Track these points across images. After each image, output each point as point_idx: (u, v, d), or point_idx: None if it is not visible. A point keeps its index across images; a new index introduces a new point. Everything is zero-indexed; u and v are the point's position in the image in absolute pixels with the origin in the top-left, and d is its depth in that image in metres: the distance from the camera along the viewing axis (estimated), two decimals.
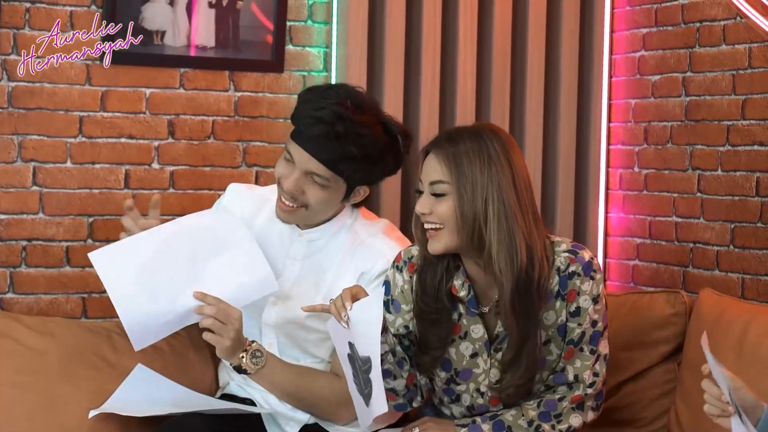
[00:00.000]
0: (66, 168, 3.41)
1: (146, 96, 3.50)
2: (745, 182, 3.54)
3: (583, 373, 2.82)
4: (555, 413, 2.82)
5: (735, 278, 3.57)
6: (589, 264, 2.81)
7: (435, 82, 3.77)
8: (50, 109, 3.38)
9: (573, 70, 3.98)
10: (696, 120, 3.72)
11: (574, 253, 2.81)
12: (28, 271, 3.38)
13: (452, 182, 2.75)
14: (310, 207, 2.98)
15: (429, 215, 2.77)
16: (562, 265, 2.80)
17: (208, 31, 3.54)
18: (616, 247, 4.02)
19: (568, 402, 2.82)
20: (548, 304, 2.80)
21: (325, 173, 2.93)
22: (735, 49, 3.58)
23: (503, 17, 3.87)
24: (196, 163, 3.55)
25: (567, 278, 2.80)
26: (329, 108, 2.90)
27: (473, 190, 2.73)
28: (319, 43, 3.72)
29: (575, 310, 2.80)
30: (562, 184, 3.97)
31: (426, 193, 2.79)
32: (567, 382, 2.83)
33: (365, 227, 3.09)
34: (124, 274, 2.87)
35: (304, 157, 2.92)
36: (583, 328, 2.81)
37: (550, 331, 2.82)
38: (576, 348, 2.82)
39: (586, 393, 2.82)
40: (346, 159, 2.91)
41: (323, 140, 2.89)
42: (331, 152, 2.90)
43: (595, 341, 2.83)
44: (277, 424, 3.04)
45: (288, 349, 3.08)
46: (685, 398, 3.19)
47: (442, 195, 2.76)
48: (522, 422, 2.81)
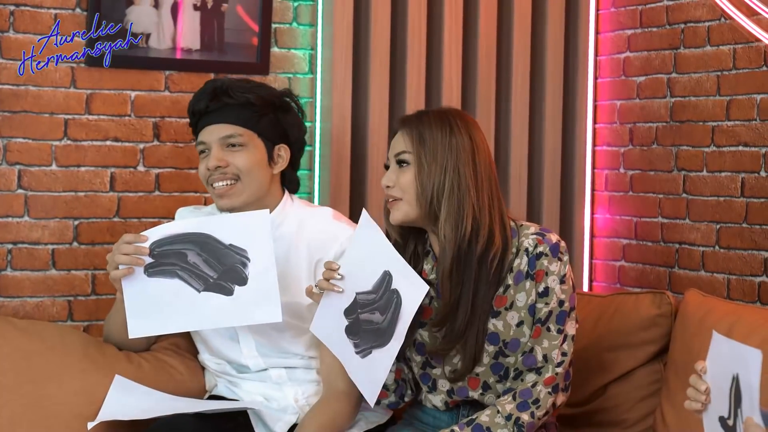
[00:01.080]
0: (51, 171, 3.40)
1: (131, 99, 3.49)
2: (731, 183, 3.55)
3: (552, 353, 2.86)
4: (531, 400, 2.84)
5: (721, 279, 3.57)
6: (557, 246, 2.88)
7: (420, 83, 3.77)
8: (35, 112, 3.38)
9: (558, 72, 3.99)
10: (681, 121, 3.72)
11: (542, 234, 2.89)
12: (13, 274, 3.37)
13: (414, 152, 2.87)
14: (242, 176, 3.03)
15: (393, 188, 2.88)
16: (530, 246, 2.87)
17: (193, 33, 3.54)
18: (602, 248, 4.03)
19: (542, 386, 2.86)
20: (519, 285, 2.86)
21: (234, 130, 3.03)
22: (720, 50, 3.59)
23: (488, 19, 3.87)
24: (182, 166, 3.55)
25: (535, 258, 2.87)
26: (206, 85, 3.08)
27: (434, 160, 2.85)
28: (305, 45, 3.72)
29: (543, 290, 2.87)
30: (548, 185, 3.98)
31: (392, 167, 2.91)
32: (536, 364, 2.86)
33: (311, 216, 3.12)
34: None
35: (210, 129, 3.03)
36: (551, 307, 2.87)
37: (522, 312, 2.87)
38: (543, 327, 2.87)
39: (557, 373, 2.86)
40: (244, 107, 3.03)
41: (216, 103, 3.02)
42: (228, 108, 3.02)
43: (562, 320, 2.88)
44: (264, 425, 3.05)
45: (267, 351, 3.09)
46: (671, 399, 3.20)
47: (406, 164, 2.88)
48: (499, 419, 2.83)
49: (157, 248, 2.88)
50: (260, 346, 3.09)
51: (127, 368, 3.14)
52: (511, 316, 2.87)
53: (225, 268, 2.89)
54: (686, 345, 3.20)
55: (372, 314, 2.79)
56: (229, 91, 3.03)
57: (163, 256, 2.88)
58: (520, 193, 3.92)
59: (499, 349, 2.87)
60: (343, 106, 3.68)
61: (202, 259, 2.89)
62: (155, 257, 2.88)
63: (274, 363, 3.10)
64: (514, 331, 2.87)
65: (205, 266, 2.89)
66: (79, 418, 3.01)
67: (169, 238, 2.89)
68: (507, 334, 2.87)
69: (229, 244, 2.89)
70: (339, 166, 3.67)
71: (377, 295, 2.78)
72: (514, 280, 2.87)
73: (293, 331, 3.06)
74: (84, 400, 3.05)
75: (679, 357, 3.21)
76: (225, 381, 3.17)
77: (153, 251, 2.88)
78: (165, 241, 2.88)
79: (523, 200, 3.93)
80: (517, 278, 2.87)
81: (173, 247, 2.88)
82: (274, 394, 3.10)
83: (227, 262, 2.89)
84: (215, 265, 2.89)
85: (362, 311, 2.80)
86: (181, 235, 2.89)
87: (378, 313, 2.78)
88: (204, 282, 2.89)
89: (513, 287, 2.87)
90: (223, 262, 2.89)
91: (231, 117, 3.03)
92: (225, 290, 2.90)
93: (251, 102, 3.04)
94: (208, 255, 2.89)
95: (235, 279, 2.89)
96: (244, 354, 3.10)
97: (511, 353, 2.88)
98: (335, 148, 3.67)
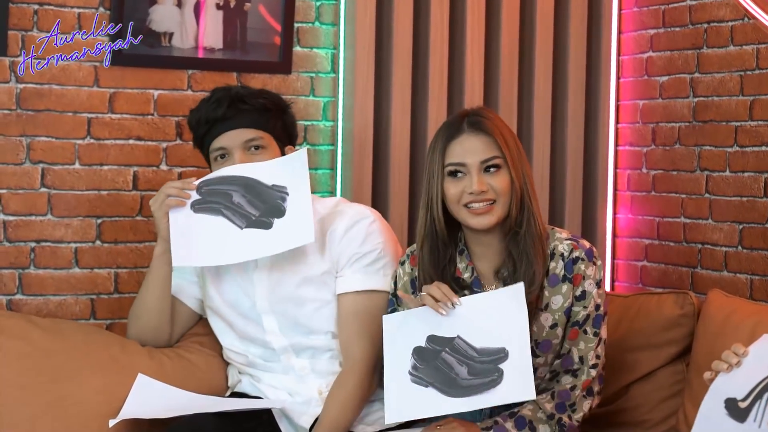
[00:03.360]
0: (74, 169, 3.42)
1: (154, 98, 3.50)
2: (754, 183, 3.54)
3: (587, 355, 2.90)
4: (569, 403, 2.89)
5: (743, 279, 3.56)
6: (591, 251, 2.93)
7: (442, 83, 3.77)
8: (58, 111, 3.39)
9: (581, 72, 3.98)
10: (704, 121, 3.71)
11: (576, 240, 2.93)
12: (36, 272, 3.38)
13: (504, 155, 2.86)
14: None
15: (486, 192, 2.85)
16: (566, 251, 2.90)
17: (216, 32, 3.55)
18: (625, 248, 4.02)
19: (579, 390, 2.90)
20: (555, 288, 2.89)
21: (255, 134, 3.10)
22: (743, 50, 3.58)
23: (510, 18, 3.87)
24: (204, 165, 3.53)
25: (572, 263, 2.89)
26: (217, 94, 3.14)
27: (519, 161, 2.88)
28: (327, 44, 3.72)
29: (581, 293, 2.90)
30: (571, 186, 3.97)
31: (477, 171, 2.85)
32: (573, 365, 2.89)
33: (322, 204, 3.19)
34: None
35: (231, 135, 3.09)
36: (588, 311, 2.90)
37: (556, 315, 2.90)
38: (580, 330, 2.90)
39: (591, 376, 2.90)
40: (260, 112, 3.11)
41: (233, 110, 3.08)
42: (245, 113, 3.09)
43: (598, 324, 2.92)
44: (289, 420, 3.07)
45: (289, 330, 3.12)
46: (693, 399, 3.18)
47: (497, 169, 2.86)
48: (541, 415, 2.87)
49: (204, 186, 3.04)
50: (281, 323, 3.11)
51: (149, 366, 3.15)
52: (545, 317, 2.89)
53: (267, 206, 3.01)
54: (709, 345, 3.18)
55: (460, 365, 2.75)
56: (244, 98, 3.10)
57: (210, 194, 3.03)
58: (543, 193, 3.91)
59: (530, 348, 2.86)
60: (365, 106, 3.68)
61: (246, 200, 3.02)
62: (202, 195, 3.04)
63: (297, 342, 3.11)
64: (547, 332, 2.89)
65: (248, 206, 3.02)
66: (100, 416, 3.01)
67: (216, 179, 3.04)
68: (540, 335, 2.89)
69: (272, 185, 3.02)
70: (361, 166, 3.67)
71: (479, 357, 2.75)
72: (549, 282, 2.88)
73: (312, 305, 3.10)
74: (105, 398, 3.06)
75: (702, 357, 3.20)
76: (248, 377, 3.18)
77: (200, 189, 3.04)
78: (212, 181, 3.04)
79: (546, 200, 3.92)
80: (552, 281, 2.89)
81: (220, 187, 3.03)
82: (297, 388, 3.12)
83: (269, 200, 3.02)
84: (258, 204, 3.02)
85: (451, 353, 2.77)
86: (227, 177, 3.03)
87: (466, 370, 2.75)
88: (246, 220, 3.02)
89: (548, 289, 2.88)
90: (265, 201, 3.02)
91: (250, 121, 3.09)
92: (265, 225, 3.02)
93: (266, 107, 3.12)
94: (252, 196, 3.01)
95: (274, 213, 3.01)
96: (268, 331, 3.12)
97: (542, 353, 2.90)
98: (357, 148, 3.67)
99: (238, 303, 3.15)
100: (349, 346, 3.05)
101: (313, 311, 3.11)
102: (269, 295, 3.10)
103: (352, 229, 3.09)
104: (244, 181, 3.02)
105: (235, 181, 3.02)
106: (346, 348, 3.06)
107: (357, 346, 3.03)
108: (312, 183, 3.60)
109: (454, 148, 2.87)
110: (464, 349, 2.75)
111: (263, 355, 3.16)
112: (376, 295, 3.07)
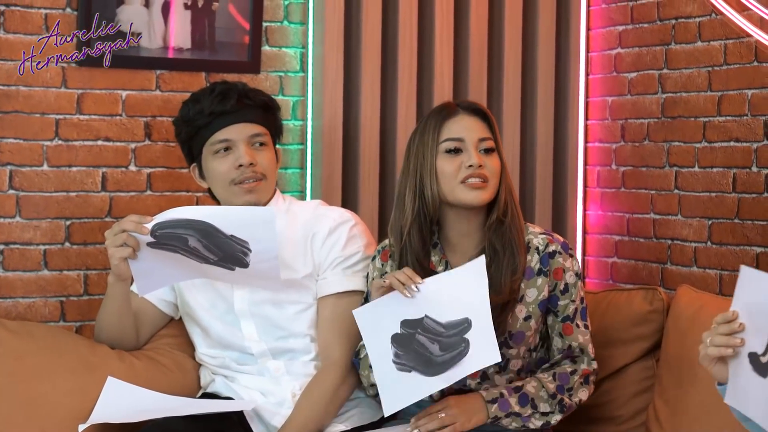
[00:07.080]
0: (43, 171, 3.40)
1: (123, 98, 3.49)
2: (722, 178, 3.55)
3: (588, 347, 2.99)
4: (567, 386, 2.95)
5: (713, 274, 3.58)
6: (566, 244, 3.00)
7: (412, 80, 3.77)
8: (26, 113, 3.37)
9: (550, 68, 3.99)
10: (672, 117, 3.73)
11: (550, 234, 2.99)
12: (5, 274, 3.37)
13: (496, 140, 2.97)
14: (267, 174, 3.12)
15: (483, 168, 2.91)
16: (541, 245, 2.96)
17: (184, 32, 3.54)
18: (595, 244, 4.03)
19: (578, 376, 2.96)
20: (530, 281, 2.94)
21: (260, 130, 3.11)
22: (710, 46, 3.59)
23: (479, 15, 3.87)
24: (173, 165, 3.55)
25: (548, 257, 2.95)
26: (218, 88, 3.12)
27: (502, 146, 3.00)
28: (296, 43, 3.72)
29: (564, 287, 2.96)
30: (541, 183, 3.98)
31: (474, 147, 2.92)
32: (573, 353, 2.98)
33: (301, 207, 3.20)
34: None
35: (237, 128, 3.08)
36: (576, 304, 2.97)
37: (530, 307, 2.94)
38: (573, 324, 2.97)
39: (593, 368, 2.99)
40: (263, 109, 3.14)
41: (239, 104, 3.08)
42: (250, 108, 3.10)
43: (585, 317, 3.01)
44: (261, 420, 3.07)
45: (268, 334, 3.12)
46: (664, 395, 3.20)
47: (491, 151, 2.94)
48: (543, 393, 2.92)
49: (159, 230, 2.89)
50: (260, 327, 3.11)
51: (120, 367, 3.14)
52: (519, 308, 2.93)
53: (225, 255, 2.90)
54: (679, 341, 3.20)
55: (431, 343, 2.80)
56: (248, 93, 3.12)
57: (164, 237, 2.89)
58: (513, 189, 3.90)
59: (504, 340, 2.91)
60: (334, 104, 3.68)
61: (203, 245, 2.89)
62: (157, 238, 2.89)
63: (275, 347, 3.11)
64: (521, 324, 2.93)
65: (205, 251, 2.90)
66: (71, 417, 3.01)
67: (171, 222, 2.88)
68: (514, 326, 2.93)
69: (230, 235, 2.89)
70: (331, 165, 3.67)
71: (446, 332, 2.79)
72: (525, 275, 2.93)
73: (293, 307, 3.10)
74: (77, 399, 3.06)
75: (672, 353, 3.21)
76: (222, 377, 3.17)
77: (155, 232, 2.88)
78: (167, 224, 2.88)
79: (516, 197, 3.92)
80: (528, 274, 2.94)
81: (175, 230, 2.89)
82: (271, 389, 3.12)
83: (227, 249, 2.89)
84: (215, 251, 2.90)
85: (422, 334, 2.80)
86: (183, 221, 2.87)
87: (437, 347, 2.79)
88: (205, 261, 2.92)
89: (523, 281, 2.93)
90: (223, 250, 2.90)
91: (254, 117, 3.11)
92: (227, 267, 2.94)
93: (267, 104, 3.16)
94: (208, 242, 2.89)
95: (236, 263, 2.92)
96: (246, 337, 3.11)
97: (515, 345, 2.94)
98: (327, 146, 3.66)
99: (214, 306, 3.14)
100: (328, 347, 3.06)
101: (293, 314, 3.11)
102: (249, 297, 3.10)
103: (334, 233, 3.11)
104: (200, 225, 2.86)
105: (190, 225, 2.86)
106: (325, 349, 3.07)
107: (337, 346, 3.05)
108: (281, 183, 3.62)
109: (451, 125, 2.94)
110: (433, 327, 2.79)
111: (239, 359, 3.15)
112: (357, 297, 3.08)
